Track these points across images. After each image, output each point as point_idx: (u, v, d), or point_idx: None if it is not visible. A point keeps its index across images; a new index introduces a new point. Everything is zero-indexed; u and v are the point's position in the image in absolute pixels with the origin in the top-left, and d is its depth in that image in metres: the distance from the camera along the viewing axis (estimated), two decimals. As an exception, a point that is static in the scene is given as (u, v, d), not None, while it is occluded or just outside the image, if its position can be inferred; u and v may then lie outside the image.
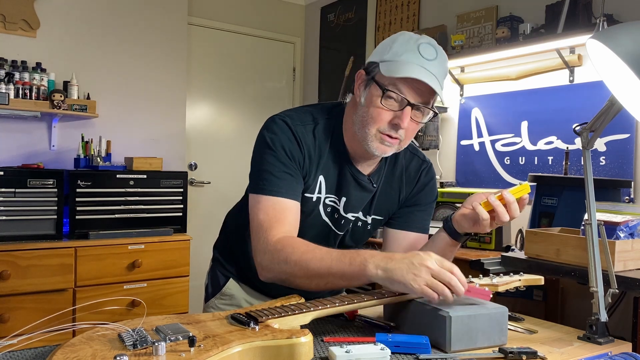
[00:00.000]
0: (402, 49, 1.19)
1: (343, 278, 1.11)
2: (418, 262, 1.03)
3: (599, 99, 2.56)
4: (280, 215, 1.21)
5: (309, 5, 4.63)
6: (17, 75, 3.04)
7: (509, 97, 3.01)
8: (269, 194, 1.22)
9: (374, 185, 1.36)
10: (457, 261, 2.50)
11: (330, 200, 1.34)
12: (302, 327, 0.97)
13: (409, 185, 1.41)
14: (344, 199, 1.34)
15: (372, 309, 1.22)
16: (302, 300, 1.12)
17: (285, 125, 1.27)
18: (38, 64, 3.16)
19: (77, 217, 2.90)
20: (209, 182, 4.13)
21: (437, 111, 1.27)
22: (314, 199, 1.31)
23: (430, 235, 1.40)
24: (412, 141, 1.35)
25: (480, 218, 1.18)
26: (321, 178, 1.31)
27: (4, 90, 2.95)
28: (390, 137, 1.22)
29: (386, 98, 1.19)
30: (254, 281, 1.47)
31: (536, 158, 2.88)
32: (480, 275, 1.23)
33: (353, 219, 1.37)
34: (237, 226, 1.49)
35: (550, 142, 2.82)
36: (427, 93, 1.20)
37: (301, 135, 1.27)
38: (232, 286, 1.49)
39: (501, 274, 1.26)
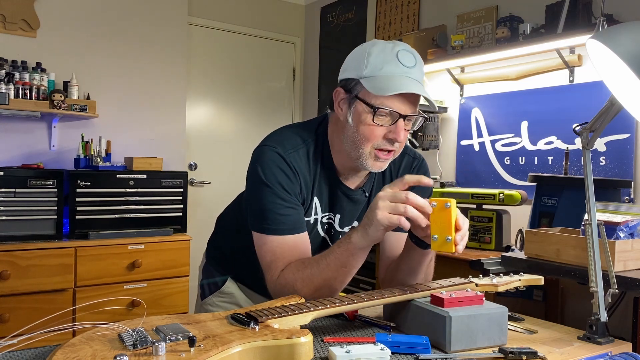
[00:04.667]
0: (380, 61, 1.17)
1: (346, 266, 1.15)
2: (374, 203, 1.09)
3: (599, 99, 2.56)
4: (286, 253, 1.22)
5: (309, 5, 4.63)
6: (17, 75, 3.04)
7: (509, 97, 3.01)
8: (273, 234, 1.22)
9: (367, 195, 1.36)
10: (457, 261, 2.51)
11: (326, 218, 1.35)
12: (302, 327, 0.97)
13: None
14: (338, 216, 1.35)
15: (372, 309, 1.23)
16: (302, 300, 1.12)
17: (278, 157, 1.24)
18: (38, 64, 3.16)
19: (77, 217, 2.90)
20: (209, 182, 4.13)
21: (426, 116, 1.26)
22: (312, 221, 1.32)
23: None
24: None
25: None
26: (316, 200, 1.31)
27: (4, 90, 2.95)
28: (386, 151, 1.21)
29: (378, 116, 1.18)
30: (250, 285, 1.47)
31: (536, 158, 2.88)
32: (480, 275, 1.23)
33: (348, 230, 1.38)
34: (233, 237, 1.48)
35: (550, 142, 2.82)
36: (414, 101, 1.19)
37: (295, 164, 1.25)
38: (230, 285, 1.49)
39: (501, 274, 1.26)
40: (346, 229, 1.37)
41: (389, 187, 1.11)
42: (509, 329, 1.13)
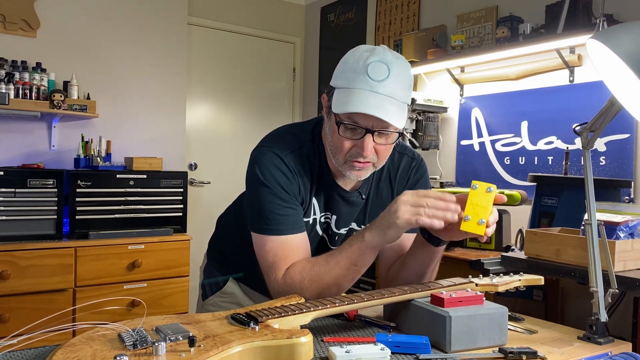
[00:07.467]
0: (351, 74, 1.15)
1: (357, 264, 1.16)
2: (394, 206, 1.11)
3: (599, 99, 2.56)
4: (288, 253, 1.22)
5: (309, 5, 4.63)
6: (17, 75, 3.04)
7: (509, 97, 3.01)
8: (273, 234, 1.22)
9: (363, 197, 1.35)
10: (457, 261, 2.50)
11: (324, 218, 1.35)
12: (302, 327, 0.97)
13: (400, 185, 1.39)
14: (334, 217, 1.35)
15: (372, 309, 1.23)
16: (302, 300, 1.12)
17: (276, 158, 1.24)
18: (38, 64, 3.16)
19: (77, 217, 2.90)
20: (209, 182, 4.13)
21: (401, 132, 1.22)
22: (311, 222, 1.32)
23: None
24: (403, 141, 1.34)
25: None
26: (314, 200, 1.31)
27: (4, 90, 2.95)
28: (359, 162, 1.20)
29: (343, 130, 1.17)
30: (252, 285, 1.47)
31: (536, 158, 2.88)
32: (480, 275, 1.23)
33: (345, 232, 1.38)
34: (234, 237, 1.48)
35: (550, 142, 2.82)
36: None
37: (293, 164, 1.25)
38: (231, 285, 1.49)
39: (501, 274, 1.26)
40: (342, 231, 1.37)
41: (414, 192, 1.13)
42: (509, 329, 1.13)
